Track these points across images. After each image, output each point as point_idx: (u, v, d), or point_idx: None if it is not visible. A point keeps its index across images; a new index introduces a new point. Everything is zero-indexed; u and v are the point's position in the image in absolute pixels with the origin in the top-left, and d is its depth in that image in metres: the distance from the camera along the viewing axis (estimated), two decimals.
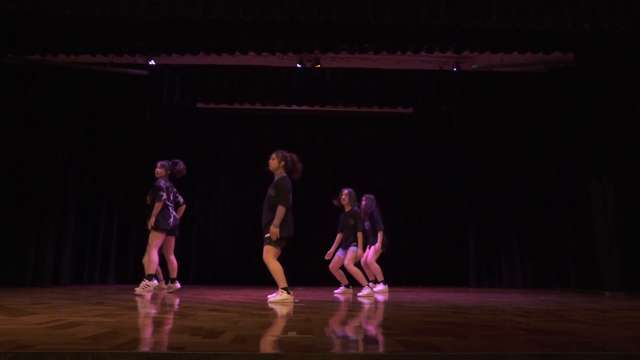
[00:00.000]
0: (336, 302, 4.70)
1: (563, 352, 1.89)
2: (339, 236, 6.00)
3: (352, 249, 5.79)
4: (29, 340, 2.05)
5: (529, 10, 5.01)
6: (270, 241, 4.51)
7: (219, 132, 8.79)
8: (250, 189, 8.56)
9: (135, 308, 3.69)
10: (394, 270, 8.47)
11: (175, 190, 5.97)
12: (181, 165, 6.03)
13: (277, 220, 4.48)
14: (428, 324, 2.75)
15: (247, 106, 7.76)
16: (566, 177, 7.17)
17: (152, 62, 7.30)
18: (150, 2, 4.88)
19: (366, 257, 6.40)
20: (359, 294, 5.62)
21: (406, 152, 8.86)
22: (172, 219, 5.77)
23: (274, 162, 4.79)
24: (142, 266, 7.23)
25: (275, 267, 4.52)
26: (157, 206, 5.61)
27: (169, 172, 5.92)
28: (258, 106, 7.76)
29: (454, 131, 8.40)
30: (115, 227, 8.02)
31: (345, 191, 6.08)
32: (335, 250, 5.99)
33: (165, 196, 5.70)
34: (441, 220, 8.62)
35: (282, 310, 3.64)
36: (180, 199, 6.06)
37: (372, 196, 6.66)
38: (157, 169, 5.92)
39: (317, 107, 7.69)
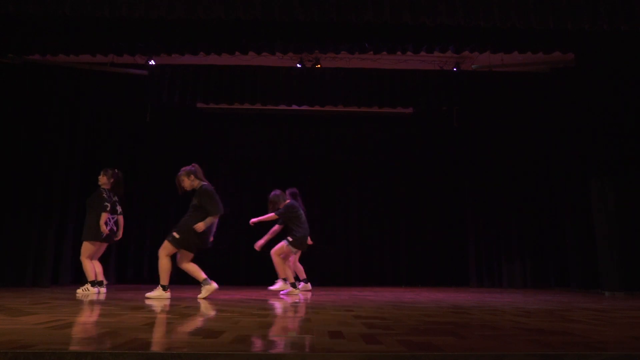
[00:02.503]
0: (337, 302, 4.69)
1: (563, 352, 1.89)
2: None
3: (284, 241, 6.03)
4: (29, 340, 2.05)
5: (529, 10, 5.01)
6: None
7: (219, 132, 8.79)
8: (249, 188, 8.57)
9: (135, 308, 3.69)
10: (394, 270, 8.49)
11: (116, 199, 5.78)
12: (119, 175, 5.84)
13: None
14: (428, 324, 2.74)
15: (247, 106, 7.76)
16: (566, 177, 7.17)
17: (152, 62, 7.31)
18: (150, 2, 4.89)
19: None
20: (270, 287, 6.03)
21: (406, 152, 8.86)
22: (108, 228, 5.63)
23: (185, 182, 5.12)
24: (142, 266, 7.24)
25: (163, 264, 4.89)
26: (104, 216, 5.49)
27: (112, 180, 5.72)
28: (258, 106, 7.76)
29: (454, 131, 8.41)
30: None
31: (270, 197, 6.26)
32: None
33: (109, 206, 5.55)
34: (441, 220, 8.61)
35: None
36: (119, 209, 5.85)
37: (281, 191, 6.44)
38: (100, 176, 5.71)
39: (317, 107, 7.69)
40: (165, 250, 4.87)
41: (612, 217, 6.18)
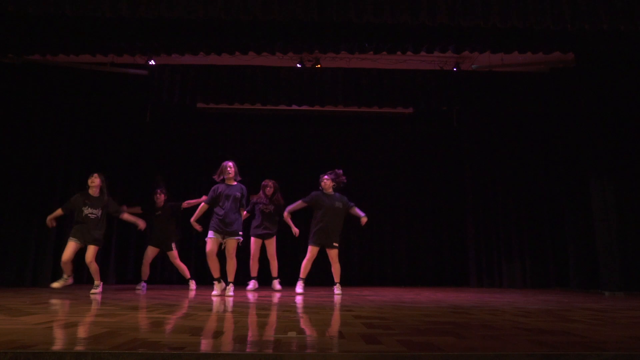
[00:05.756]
0: (337, 302, 4.69)
1: (563, 352, 1.89)
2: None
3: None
4: (29, 340, 2.05)
5: (529, 10, 5.01)
6: None
7: (219, 132, 8.78)
8: (249, 188, 8.55)
9: (135, 308, 3.69)
10: (394, 270, 8.49)
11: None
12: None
13: None
14: (428, 324, 2.74)
15: (247, 106, 7.76)
16: (566, 177, 7.17)
17: (152, 62, 7.31)
18: (150, 2, 4.88)
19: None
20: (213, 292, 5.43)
21: (406, 152, 8.86)
22: None
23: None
24: (141, 266, 7.20)
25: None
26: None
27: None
28: (258, 106, 7.76)
29: (454, 131, 8.41)
30: (114, 227, 8.01)
31: (230, 163, 5.82)
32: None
33: None
34: (441, 220, 8.61)
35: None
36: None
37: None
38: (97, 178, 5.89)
39: (317, 107, 7.69)
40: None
41: (612, 217, 6.18)
